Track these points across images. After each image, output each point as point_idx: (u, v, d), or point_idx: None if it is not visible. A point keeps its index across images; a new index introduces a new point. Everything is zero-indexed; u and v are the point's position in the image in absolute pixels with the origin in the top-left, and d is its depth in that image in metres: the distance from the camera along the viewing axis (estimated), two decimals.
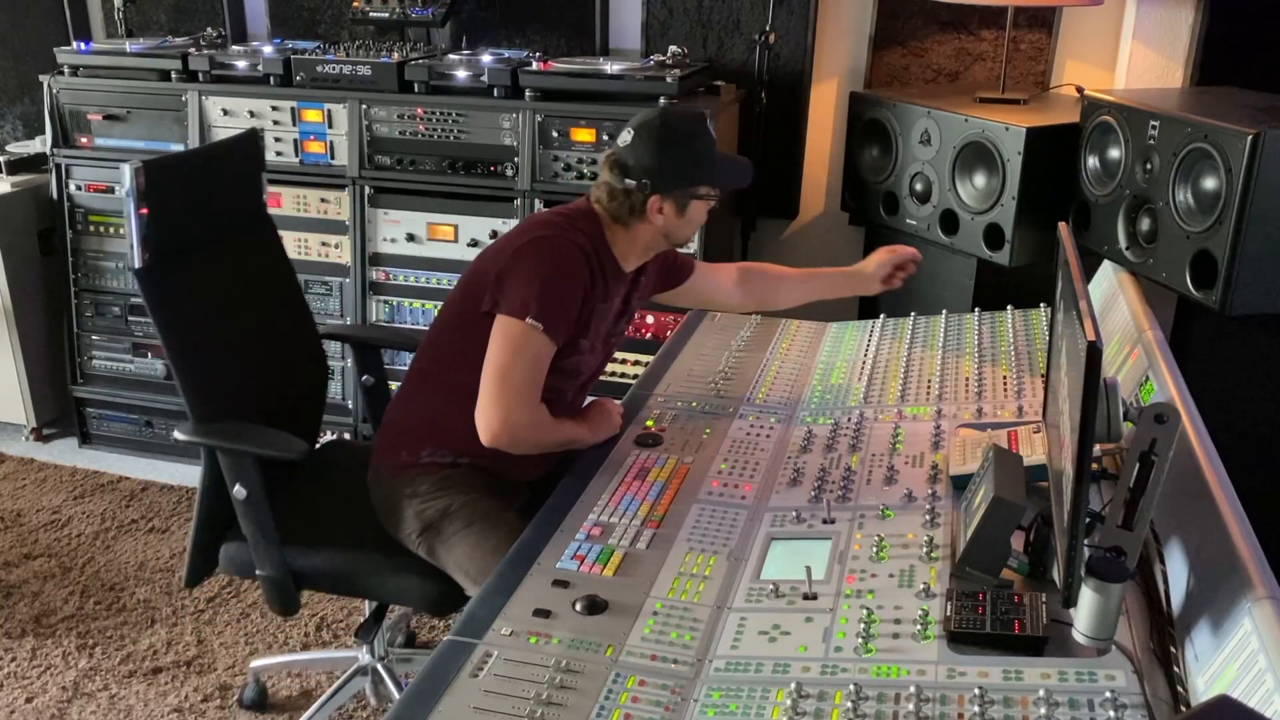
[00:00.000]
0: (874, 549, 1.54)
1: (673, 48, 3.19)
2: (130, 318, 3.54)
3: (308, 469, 2.23)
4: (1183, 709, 1.21)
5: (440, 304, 3.19)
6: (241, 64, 3.30)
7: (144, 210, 1.98)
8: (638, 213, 1.95)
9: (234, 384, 2.12)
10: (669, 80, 2.93)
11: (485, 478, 2.00)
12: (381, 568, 2.04)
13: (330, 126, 3.22)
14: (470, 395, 1.90)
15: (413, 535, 1.99)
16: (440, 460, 2.00)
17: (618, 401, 2.06)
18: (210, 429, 2.02)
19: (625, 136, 1.96)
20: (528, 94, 3.03)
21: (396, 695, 2.35)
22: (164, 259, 2.03)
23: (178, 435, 2.03)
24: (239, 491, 1.97)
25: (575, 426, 1.96)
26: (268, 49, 3.39)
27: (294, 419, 2.13)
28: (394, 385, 2.34)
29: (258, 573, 2.05)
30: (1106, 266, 2.53)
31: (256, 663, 2.58)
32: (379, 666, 2.41)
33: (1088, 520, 1.31)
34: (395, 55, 3.22)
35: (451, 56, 3.28)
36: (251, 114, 3.26)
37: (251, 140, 2.36)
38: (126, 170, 1.98)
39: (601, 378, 3.10)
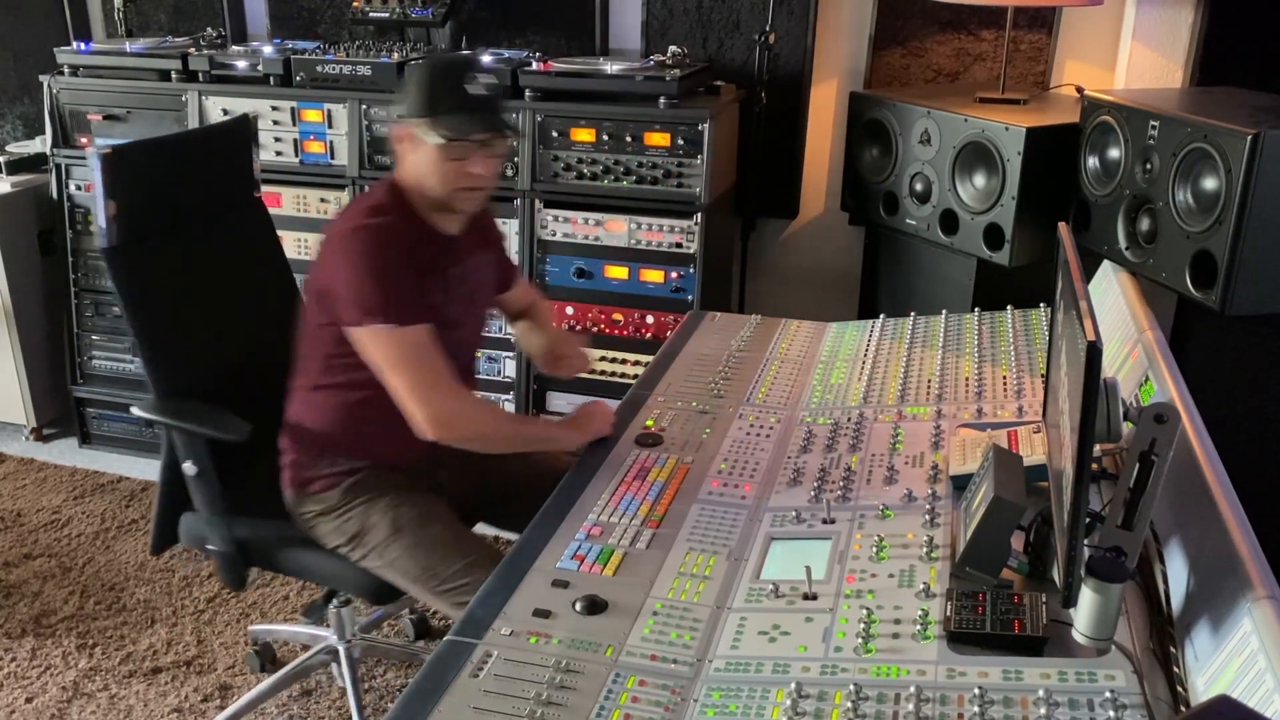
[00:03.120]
0: (874, 549, 1.54)
1: (673, 48, 3.19)
2: None
3: (272, 446, 2.19)
4: (1183, 709, 1.21)
5: None
6: (241, 64, 3.30)
7: (109, 195, 2.05)
8: (392, 142, 1.93)
9: (200, 363, 2.17)
10: (669, 80, 2.93)
11: (395, 477, 1.99)
12: (321, 553, 2.04)
13: (330, 126, 3.22)
14: (336, 396, 1.96)
15: (340, 549, 2.00)
16: (338, 469, 1.99)
17: (612, 404, 2.05)
18: (161, 405, 2.10)
19: None
20: (528, 94, 3.03)
21: (349, 682, 2.39)
22: (135, 239, 2.10)
23: (134, 410, 2.11)
24: (189, 467, 2.04)
25: (551, 425, 1.96)
26: (268, 49, 3.39)
27: (269, 399, 2.10)
28: None
29: (208, 546, 2.10)
30: (1106, 266, 2.53)
31: (254, 627, 2.70)
32: (340, 649, 2.44)
33: (1088, 520, 1.31)
34: (395, 55, 3.22)
35: None
36: (251, 114, 3.26)
37: (242, 125, 2.39)
38: (93, 156, 2.06)
39: (601, 378, 3.15)
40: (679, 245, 3.01)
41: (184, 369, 2.14)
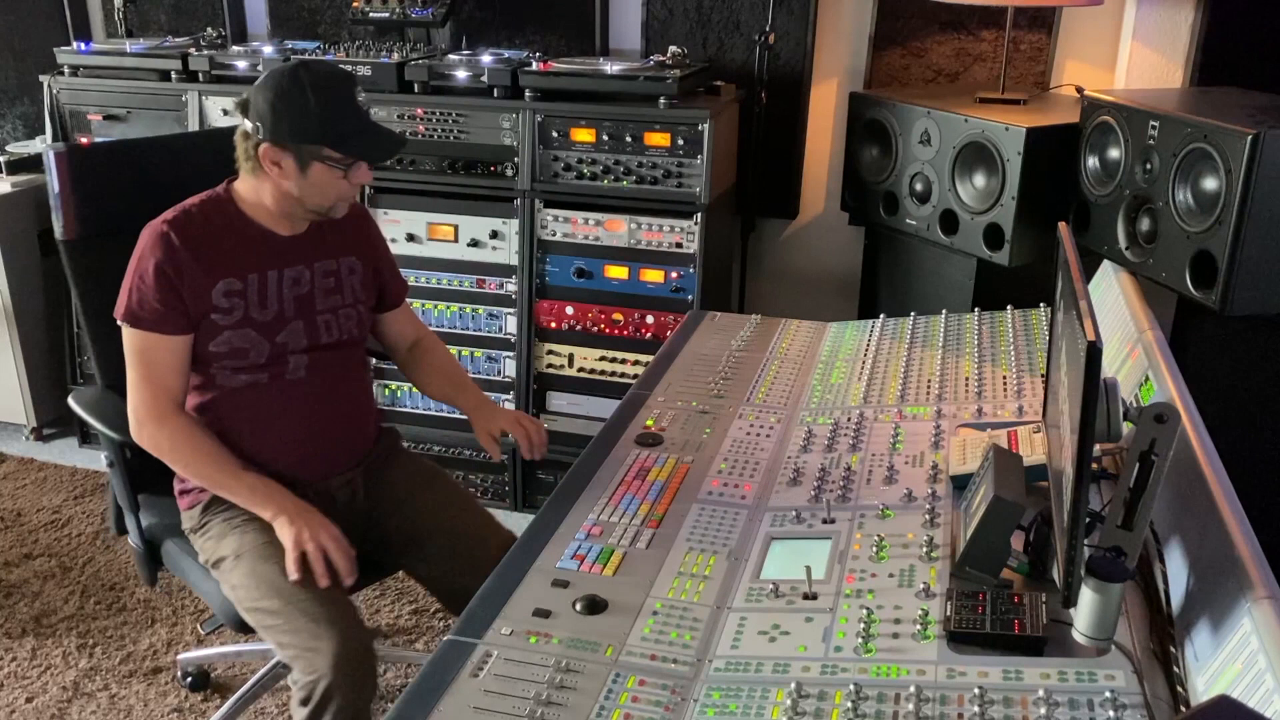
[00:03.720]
0: (874, 549, 1.55)
1: (672, 48, 3.19)
2: None
3: None
4: (1183, 709, 1.21)
5: (439, 304, 3.22)
6: (241, 64, 3.30)
7: (65, 190, 2.11)
8: (255, 161, 1.85)
9: None
10: (669, 80, 2.93)
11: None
12: (200, 569, 2.00)
13: None
14: (190, 400, 1.94)
15: (208, 567, 1.95)
16: (188, 485, 1.96)
17: (340, 536, 1.83)
18: (85, 395, 2.16)
19: (260, 78, 1.87)
20: (528, 94, 3.03)
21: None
22: (95, 234, 2.14)
23: (70, 400, 2.16)
24: (104, 457, 2.06)
25: (259, 494, 1.84)
26: (268, 49, 3.39)
27: None
28: None
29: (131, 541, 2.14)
30: (1106, 266, 2.53)
31: (184, 656, 2.58)
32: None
33: (1088, 520, 1.31)
34: (395, 55, 3.22)
35: (451, 56, 3.28)
36: None
37: (231, 135, 2.35)
38: (47, 152, 2.12)
39: (601, 377, 3.15)
40: (679, 245, 3.01)
41: (119, 361, 2.03)
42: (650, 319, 3.08)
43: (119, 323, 1.87)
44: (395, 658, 2.64)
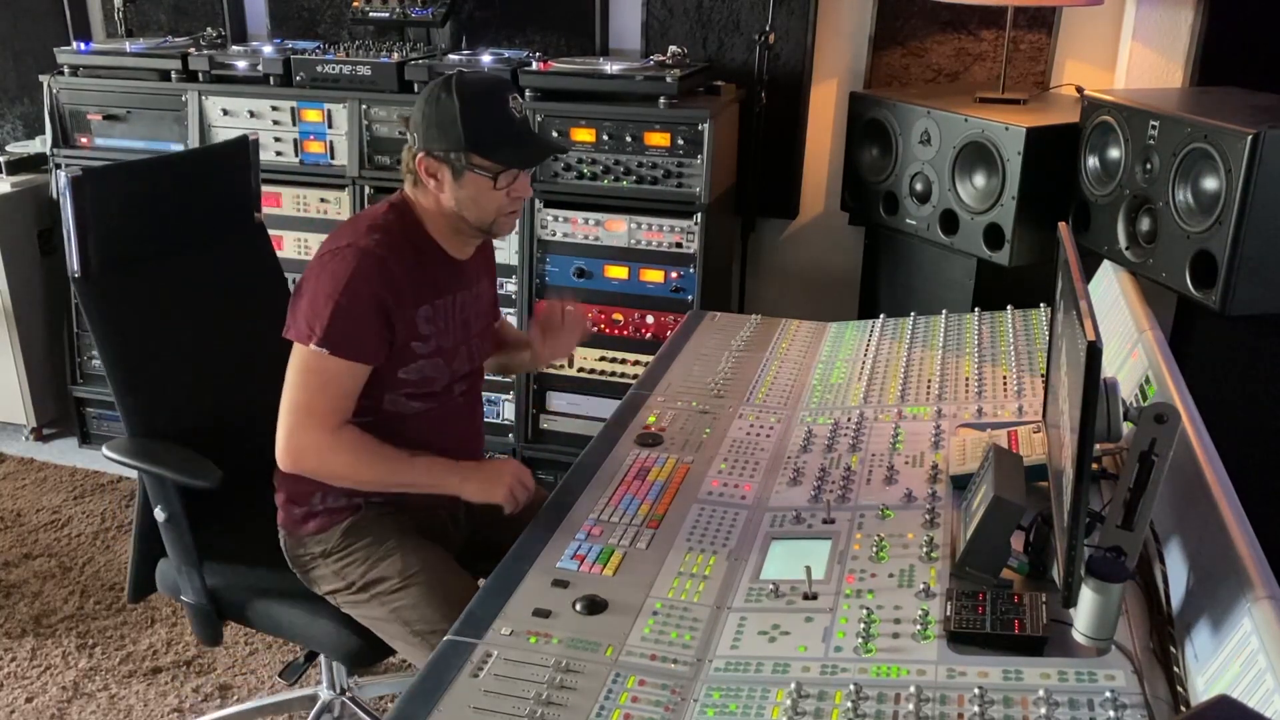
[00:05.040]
0: (874, 549, 1.54)
1: (673, 48, 3.19)
2: None
3: (256, 490, 1.99)
4: (1183, 709, 1.21)
5: None
6: (241, 64, 3.30)
7: (81, 222, 1.92)
8: (415, 174, 1.81)
9: (180, 400, 2.03)
10: (669, 80, 2.93)
11: (399, 519, 1.89)
12: (301, 610, 1.92)
13: (330, 126, 3.22)
14: None
15: (336, 595, 1.89)
16: (336, 507, 1.88)
17: (531, 473, 1.86)
18: (131, 446, 1.95)
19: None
20: (528, 94, 3.03)
21: None
22: (109, 267, 1.97)
23: (105, 451, 1.95)
24: (159, 512, 1.91)
25: (438, 469, 1.82)
26: (268, 49, 3.39)
27: (258, 438, 1.86)
28: None
29: (181, 597, 1.98)
30: (1106, 266, 2.53)
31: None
32: (345, 700, 2.31)
33: (1088, 520, 1.31)
34: (395, 55, 3.22)
35: (451, 56, 3.28)
36: (251, 114, 3.26)
37: (240, 147, 2.25)
38: (63, 179, 1.94)
39: (601, 377, 3.15)
40: (679, 245, 3.00)
41: (160, 407, 1.99)
42: (650, 319, 3.08)
43: (304, 346, 1.74)
44: (358, 686, 2.49)
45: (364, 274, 1.74)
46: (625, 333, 3.11)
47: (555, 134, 3.01)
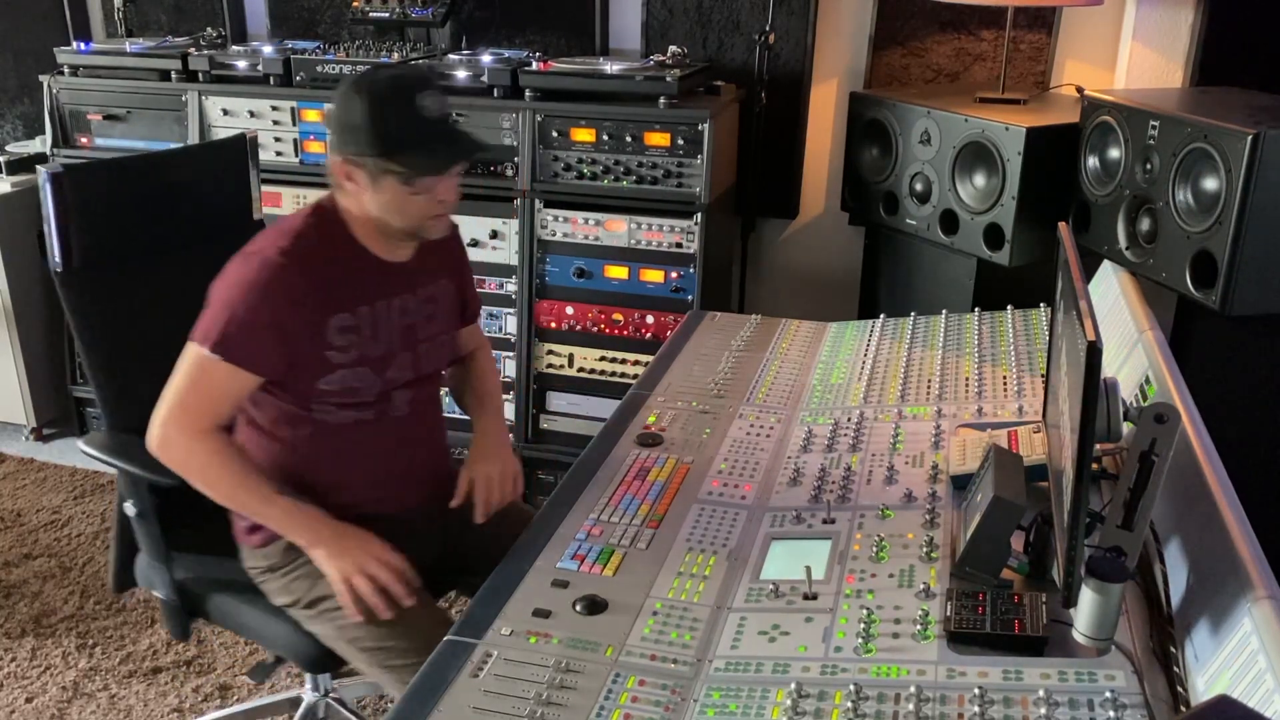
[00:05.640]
0: (874, 549, 1.54)
1: (672, 48, 3.19)
2: None
3: None
4: (1183, 709, 1.21)
5: None
6: (241, 64, 3.30)
7: (61, 217, 1.91)
8: (334, 178, 1.73)
9: (157, 395, 1.98)
10: (669, 80, 2.93)
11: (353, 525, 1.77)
12: (261, 612, 1.88)
13: None
14: (276, 434, 1.79)
15: (289, 608, 1.83)
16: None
17: (388, 554, 1.72)
18: (104, 440, 1.94)
19: None
20: (528, 94, 3.03)
21: None
22: (92, 263, 1.96)
23: (80, 444, 1.95)
24: (129, 507, 1.89)
25: (293, 519, 1.73)
26: (268, 49, 3.39)
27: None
28: None
29: (154, 592, 1.97)
30: (1106, 266, 2.53)
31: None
32: (329, 701, 2.28)
33: (1088, 520, 1.31)
34: (395, 55, 3.22)
35: (451, 56, 3.28)
36: (251, 114, 3.26)
37: (237, 144, 2.23)
38: (42, 173, 1.92)
39: (601, 377, 3.15)
40: (679, 245, 3.00)
41: (135, 401, 1.92)
42: (650, 319, 3.08)
43: (197, 346, 1.70)
44: (343, 685, 2.45)
45: (261, 285, 1.69)
46: (625, 333, 3.11)
47: (555, 134, 3.01)
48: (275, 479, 1.77)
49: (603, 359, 3.14)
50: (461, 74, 3.12)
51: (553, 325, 3.15)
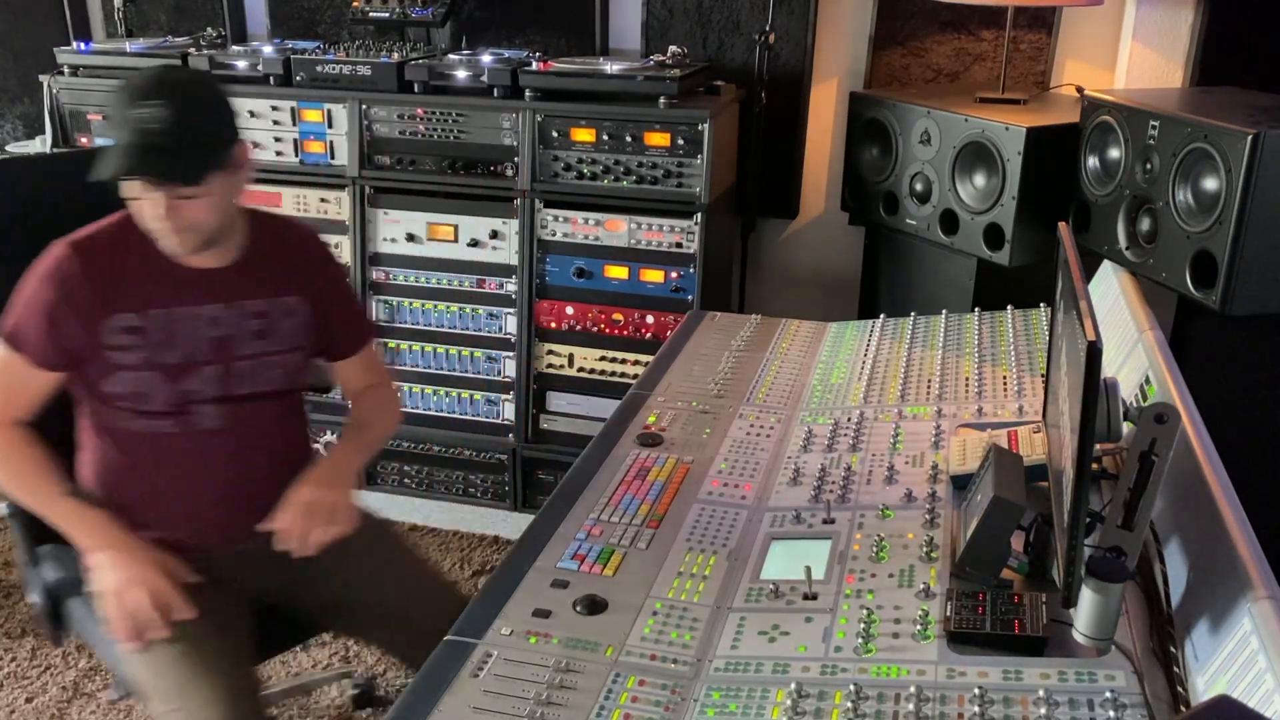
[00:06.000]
0: (874, 549, 1.54)
1: (673, 48, 3.19)
2: None
3: None
4: (1183, 709, 1.21)
5: (439, 303, 3.22)
6: (241, 64, 3.29)
7: None
8: None
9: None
10: (669, 80, 2.93)
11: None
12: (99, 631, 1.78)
13: (330, 126, 3.22)
14: (94, 448, 1.77)
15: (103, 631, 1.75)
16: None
17: (180, 569, 1.70)
18: None
19: None
20: (528, 94, 3.03)
21: None
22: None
23: None
24: (4, 506, 1.86)
25: (81, 525, 1.69)
26: (268, 49, 3.39)
27: None
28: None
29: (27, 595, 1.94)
30: (1106, 266, 2.53)
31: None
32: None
33: (1088, 520, 1.31)
34: (395, 55, 3.22)
35: (451, 56, 3.28)
36: (251, 114, 3.26)
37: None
38: None
39: (601, 377, 3.15)
40: (679, 245, 3.00)
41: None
42: (650, 319, 3.08)
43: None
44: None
45: (40, 275, 1.70)
46: (625, 333, 3.11)
47: (555, 134, 3.01)
48: (100, 493, 1.75)
49: (603, 359, 3.14)
50: (461, 74, 3.12)
51: (553, 325, 3.15)
